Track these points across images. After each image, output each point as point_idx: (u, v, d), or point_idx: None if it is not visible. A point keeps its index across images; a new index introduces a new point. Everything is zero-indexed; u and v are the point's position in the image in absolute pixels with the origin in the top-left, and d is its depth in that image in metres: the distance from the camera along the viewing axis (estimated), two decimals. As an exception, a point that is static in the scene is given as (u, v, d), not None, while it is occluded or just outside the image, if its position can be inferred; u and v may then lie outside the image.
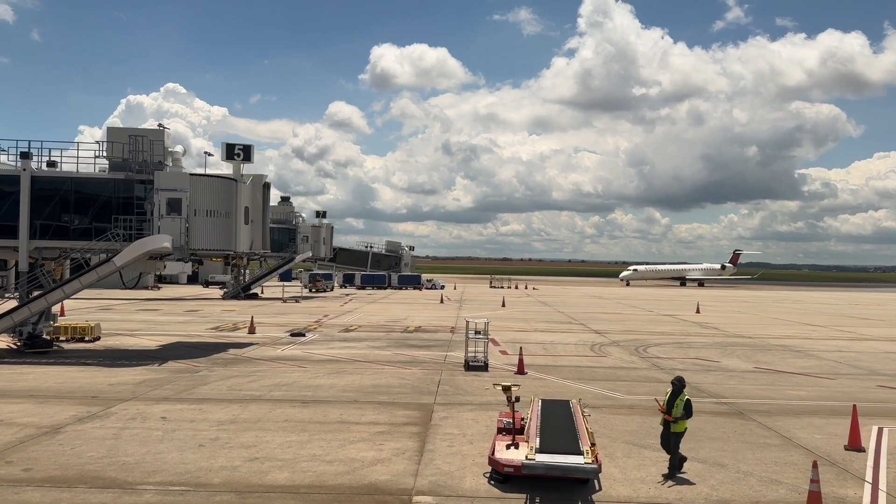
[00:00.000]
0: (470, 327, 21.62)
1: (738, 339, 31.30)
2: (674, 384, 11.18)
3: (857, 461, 11.78)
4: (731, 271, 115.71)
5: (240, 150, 25.77)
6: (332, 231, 63.44)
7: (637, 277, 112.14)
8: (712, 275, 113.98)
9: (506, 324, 37.08)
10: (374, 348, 25.56)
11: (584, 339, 30.24)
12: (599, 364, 22.78)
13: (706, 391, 18.19)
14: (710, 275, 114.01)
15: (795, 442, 13.00)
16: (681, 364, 23.03)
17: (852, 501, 9.84)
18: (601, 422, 14.26)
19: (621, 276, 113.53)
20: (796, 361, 24.41)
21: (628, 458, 11.70)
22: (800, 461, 11.73)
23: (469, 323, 21.86)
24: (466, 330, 21.71)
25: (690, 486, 10.34)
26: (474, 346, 21.71)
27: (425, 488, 9.95)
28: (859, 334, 35.08)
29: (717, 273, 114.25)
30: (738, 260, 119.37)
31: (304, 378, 18.82)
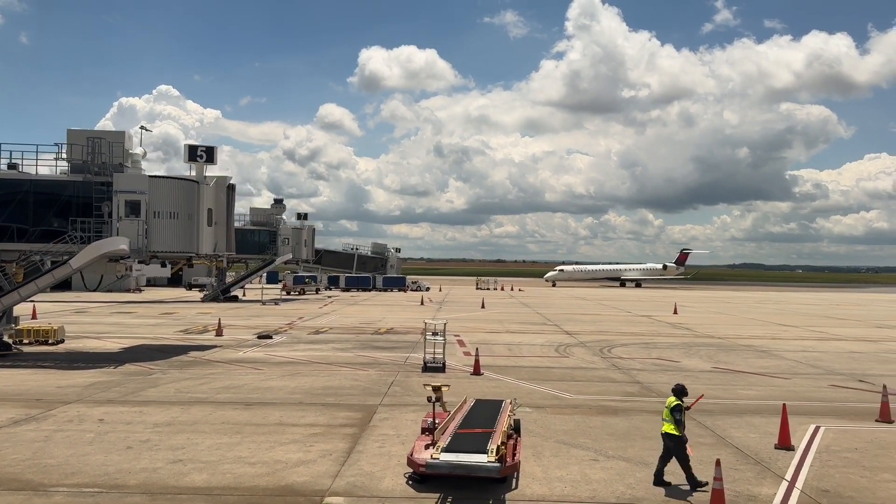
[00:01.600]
0: (428, 329, 21.68)
1: (705, 340, 31.42)
2: (672, 391, 10.85)
3: (782, 460, 11.84)
4: (676, 271, 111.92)
5: (202, 151, 25.66)
6: (313, 233, 63.33)
7: (563, 278, 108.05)
8: (653, 275, 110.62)
9: (480, 325, 37.13)
10: (338, 350, 25.54)
11: (552, 339, 30.30)
12: (559, 365, 22.82)
13: (656, 391, 18.24)
14: (649, 275, 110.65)
15: (728, 441, 13.07)
16: (640, 364, 23.12)
17: (765, 499, 9.90)
18: (540, 421, 14.32)
19: (546, 276, 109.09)
20: (757, 361, 24.53)
21: (555, 456, 11.74)
22: (725, 460, 11.77)
23: (427, 324, 21.92)
24: (424, 332, 21.74)
25: (608, 484, 10.37)
26: (433, 347, 21.79)
27: (340, 489, 9.95)
28: (830, 334, 35.28)
29: (658, 273, 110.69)
30: (686, 259, 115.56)
31: (256, 380, 18.79)
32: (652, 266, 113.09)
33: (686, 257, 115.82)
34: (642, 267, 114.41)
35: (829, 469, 11.37)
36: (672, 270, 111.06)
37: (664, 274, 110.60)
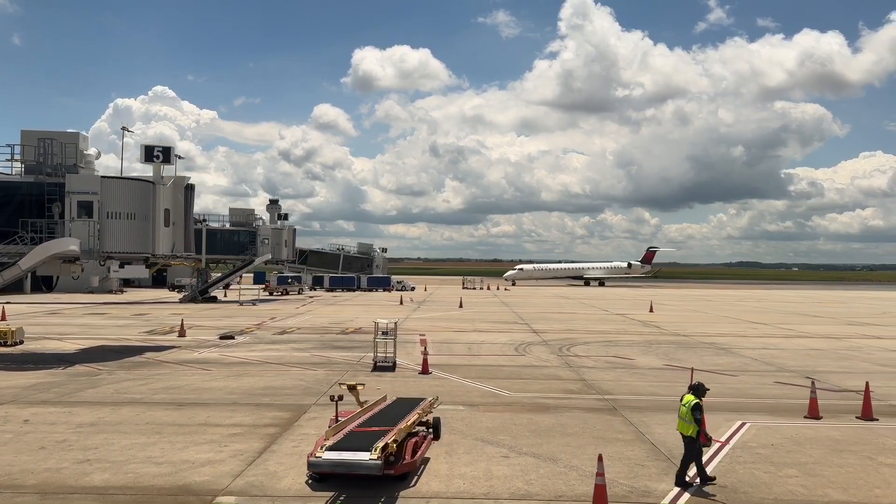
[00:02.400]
0: (379, 329, 21.70)
1: (670, 338, 31.51)
2: (691, 389, 10.64)
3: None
4: (642, 270, 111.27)
5: (159, 152, 25.61)
6: (294, 233, 63.25)
7: (523, 277, 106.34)
8: (617, 273, 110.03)
9: (450, 324, 37.15)
10: (296, 350, 25.54)
11: (516, 338, 30.34)
12: (512, 363, 22.86)
13: (597, 388, 18.31)
14: (614, 273, 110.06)
15: (647, 437, 13.12)
16: (593, 363, 23.16)
17: (659, 495, 9.93)
18: (467, 419, 14.35)
19: (506, 275, 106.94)
20: (712, 359, 24.59)
21: (467, 454, 11.76)
22: (636, 456, 11.84)
23: (378, 324, 21.94)
24: (375, 331, 21.77)
25: (507, 480, 10.39)
26: (385, 347, 21.80)
27: (236, 489, 9.96)
28: (797, 332, 35.38)
29: (622, 272, 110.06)
30: (653, 258, 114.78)
31: (199, 381, 18.77)
32: (617, 265, 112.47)
33: (653, 256, 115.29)
34: (606, 265, 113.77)
35: (736, 465, 11.42)
36: (637, 269, 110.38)
37: (629, 272, 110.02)
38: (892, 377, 20.94)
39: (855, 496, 10.00)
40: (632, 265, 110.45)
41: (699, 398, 10.39)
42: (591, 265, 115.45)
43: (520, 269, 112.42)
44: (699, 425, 10.15)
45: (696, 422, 10.15)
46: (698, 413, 10.18)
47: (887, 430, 13.96)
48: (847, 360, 24.83)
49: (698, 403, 10.29)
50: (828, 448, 12.51)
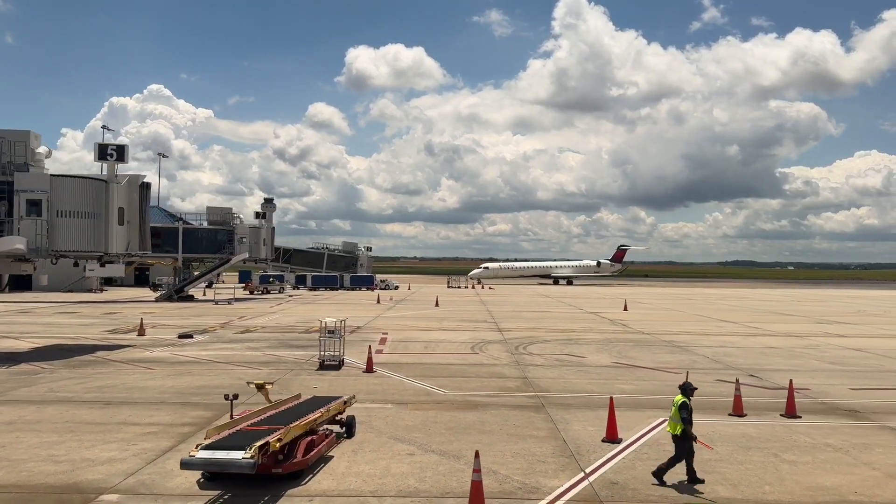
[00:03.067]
0: (325, 327, 21.70)
1: (632, 336, 31.58)
2: (680, 388, 10.79)
3: (598, 452, 11.90)
4: (612, 269, 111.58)
5: (113, 150, 25.50)
6: (273, 232, 63.09)
7: (489, 276, 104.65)
8: (586, 272, 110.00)
9: (418, 323, 37.17)
10: (250, 349, 25.50)
11: (477, 337, 30.36)
12: (462, 361, 22.86)
13: (535, 385, 18.34)
14: (582, 272, 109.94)
15: (561, 434, 13.13)
16: (543, 360, 23.20)
17: (546, 491, 9.95)
18: (391, 417, 14.36)
19: (470, 274, 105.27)
20: (665, 357, 24.65)
21: (373, 452, 11.76)
22: (541, 453, 11.85)
23: (324, 323, 21.96)
24: (321, 330, 21.78)
25: (401, 478, 10.39)
26: (332, 345, 21.79)
27: (123, 487, 9.94)
28: (763, 330, 35.50)
29: (592, 271, 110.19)
30: (623, 256, 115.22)
31: (138, 380, 18.73)
32: (586, 263, 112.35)
33: (623, 254, 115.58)
34: (575, 264, 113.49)
35: (638, 461, 11.46)
36: (607, 267, 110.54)
37: (598, 271, 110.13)
38: (836, 375, 21.07)
39: (743, 493, 10.05)
40: (601, 264, 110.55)
41: (687, 397, 10.50)
42: (559, 264, 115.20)
43: (485, 267, 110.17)
44: (685, 424, 10.25)
45: (683, 421, 10.27)
46: (684, 412, 10.31)
47: (806, 427, 14.03)
48: (799, 358, 24.92)
49: (685, 402, 10.41)
50: (737, 445, 12.56)
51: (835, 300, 70.48)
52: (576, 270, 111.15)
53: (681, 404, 10.39)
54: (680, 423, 10.25)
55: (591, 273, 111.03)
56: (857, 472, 11.07)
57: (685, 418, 10.24)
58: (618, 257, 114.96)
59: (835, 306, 59.48)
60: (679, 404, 10.41)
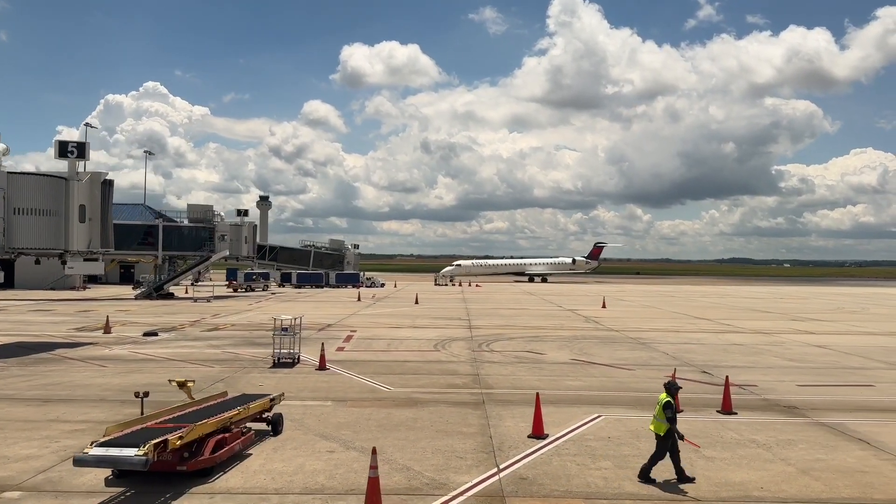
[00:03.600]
0: (277, 325, 21.68)
1: (600, 333, 31.63)
2: (665, 387, 10.60)
3: (519, 448, 11.91)
4: (587, 266, 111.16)
5: (73, 147, 25.44)
6: (254, 230, 63.02)
7: (461, 273, 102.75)
8: (561, 269, 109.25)
9: (392, 321, 37.16)
10: (211, 347, 25.44)
11: (446, 334, 30.37)
12: (420, 359, 22.88)
13: (484, 382, 18.36)
14: (557, 269, 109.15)
15: (490, 431, 13.12)
16: (502, 357, 23.23)
17: (453, 486, 9.97)
18: (325, 415, 14.36)
19: (442, 272, 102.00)
20: (625, 353, 24.70)
21: (294, 449, 11.76)
22: (462, 449, 11.86)
23: (277, 321, 21.95)
24: (274, 328, 21.77)
25: (311, 475, 10.38)
26: (289, 343, 21.76)
27: (30, 485, 9.92)
28: (734, 327, 35.55)
29: (567, 268, 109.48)
30: (600, 253, 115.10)
31: (86, 377, 18.69)
32: (562, 260, 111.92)
33: (600, 251, 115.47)
34: (550, 261, 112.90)
35: (555, 457, 11.48)
36: (582, 265, 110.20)
37: (574, 268, 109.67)
38: (790, 372, 21.12)
39: (647, 488, 10.09)
40: (576, 261, 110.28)
41: (672, 396, 10.34)
42: (533, 261, 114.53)
43: (457, 265, 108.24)
44: (671, 423, 10.08)
45: (668, 420, 10.10)
46: (669, 411, 10.14)
47: (737, 423, 14.07)
48: (759, 355, 24.97)
49: (669, 402, 10.26)
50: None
51: (818, 297, 70.67)
52: (550, 268, 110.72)
53: (665, 403, 10.24)
54: (664, 422, 10.10)
55: (567, 270, 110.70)
56: (771, 467, 11.13)
57: (670, 417, 10.09)
58: (594, 254, 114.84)
59: (816, 303, 59.67)
60: (663, 403, 10.26)
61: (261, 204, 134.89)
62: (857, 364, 22.82)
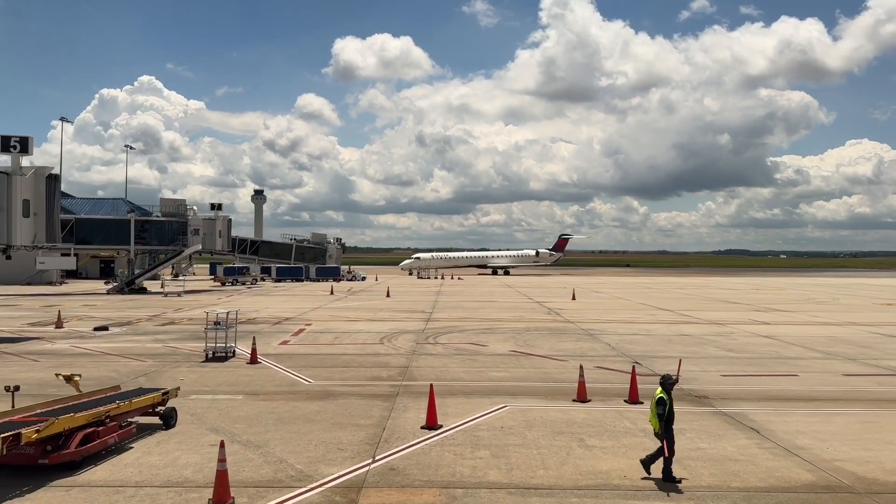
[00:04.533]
0: (210, 319, 21.71)
1: (555, 324, 31.68)
2: (660, 383, 10.27)
3: (406, 439, 11.91)
4: (551, 258, 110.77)
5: (16, 142, 25.32)
6: (228, 223, 62.72)
7: (421, 266, 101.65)
8: (524, 262, 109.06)
9: (353, 314, 37.16)
10: (156, 341, 25.39)
11: (398, 327, 30.39)
12: (360, 352, 22.88)
13: (410, 375, 18.40)
14: (520, 262, 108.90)
15: (388, 423, 13.12)
16: (443, 350, 23.25)
17: (317, 478, 9.95)
18: (228, 408, 14.34)
19: (401, 265, 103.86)
20: (568, 344, 24.75)
21: (179, 443, 11.75)
22: (349, 441, 11.87)
23: (210, 315, 21.99)
24: (206, 322, 21.79)
25: (182, 469, 10.37)
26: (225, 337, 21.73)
27: None
28: (693, 318, 35.64)
29: (531, 260, 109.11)
30: (565, 245, 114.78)
31: (13, 372, 18.48)
32: (525, 253, 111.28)
33: (565, 243, 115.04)
34: (513, 254, 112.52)
35: (437, 447, 11.50)
36: (546, 257, 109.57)
37: (537, 261, 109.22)
38: (723, 362, 21.11)
39: (514, 477, 10.09)
40: (539, 253, 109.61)
41: (667, 391, 10.03)
42: (496, 254, 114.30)
43: (416, 258, 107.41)
44: (660, 420, 9.83)
45: (658, 417, 9.85)
46: (660, 408, 9.85)
47: (638, 413, 14.09)
48: (701, 345, 25.01)
49: (662, 398, 9.94)
50: (551, 430, 12.64)
51: (795, 288, 70.90)
52: (513, 260, 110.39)
53: (658, 399, 9.93)
54: (657, 419, 9.83)
55: (530, 263, 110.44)
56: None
57: (660, 414, 9.82)
58: (559, 246, 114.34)
59: (790, 294, 59.86)
60: (656, 399, 9.94)
61: (255, 198, 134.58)
62: (794, 354, 22.94)
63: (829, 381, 18.05)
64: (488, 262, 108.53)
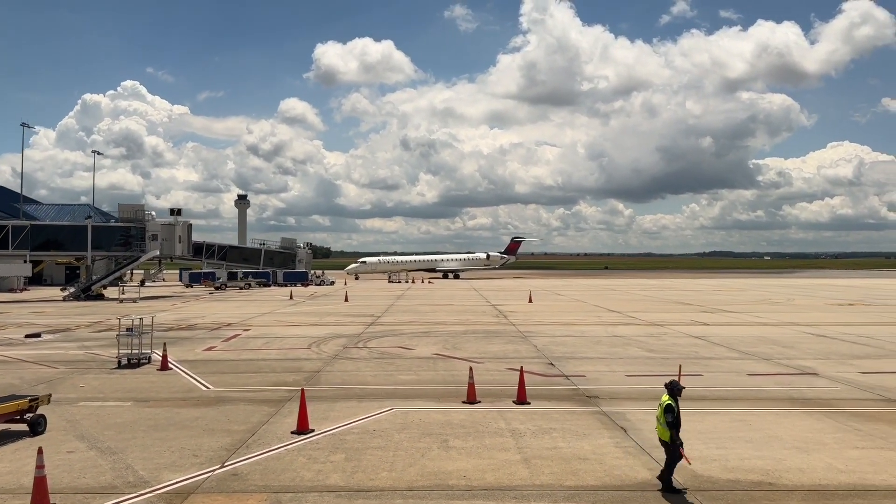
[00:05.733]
0: (124, 325, 21.57)
1: (496, 327, 31.76)
2: (666, 388, 9.92)
3: (270, 444, 11.90)
4: (500, 261, 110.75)
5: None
6: (189, 229, 62.30)
7: (367, 271, 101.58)
8: (475, 265, 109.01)
9: (298, 318, 37.04)
10: (81, 348, 25.10)
11: (336, 331, 30.29)
12: (280, 357, 22.80)
13: (317, 380, 18.37)
14: (470, 265, 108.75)
15: (262, 428, 13.10)
16: (367, 354, 23.27)
17: (152, 483, 9.89)
18: (108, 415, 14.25)
19: (347, 269, 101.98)
20: (494, 347, 24.80)
21: (34, 450, 11.55)
22: (209, 447, 11.84)
23: (122, 321, 21.85)
24: (119, 328, 21.65)
25: (22, 476, 10.32)
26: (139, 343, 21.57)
27: None
28: (637, 319, 35.85)
29: (481, 263, 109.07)
30: (517, 248, 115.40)
31: (-89, 381, 18.50)
32: (476, 256, 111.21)
33: (517, 246, 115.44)
34: (463, 257, 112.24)
35: (296, 452, 11.47)
36: (496, 260, 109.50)
37: (488, 264, 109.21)
38: (636, 363, 21.29)
39: (353, 480, 10.09)
40: (490, 256, 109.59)
41: (674, 398, 9.71)
42: (445, 257, 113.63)
43: (362, 262, 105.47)
44: (669, 428, 9.52)
45: (668, 425, 9.53)
46: (669, 416, 9.55)
47: (518, 413, 14.22)
48: (625, 346, 25.16)
49: (670, 405, 9.61)
50: (421, 432, 12.69)
51: (757, 289, 71.59)
52: (463, 263, 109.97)
53: (666, 406, 9.61)
54: (667, 427, 9.53)
55: (481, 266, 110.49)
56: (498, 456, 11.24)
57: (670, 422, 9.50)
58: (511, 249, 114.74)
59: (748, 295, 60.45)
60: (664, 406, 9.63)
61: (239, 203, 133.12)
62: (712, 354, 23.18)
63: (730, 381, 18.28)
64: (437, 266, 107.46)
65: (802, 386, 17.50)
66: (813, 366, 20.66)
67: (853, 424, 13.39)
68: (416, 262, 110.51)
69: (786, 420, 13.70)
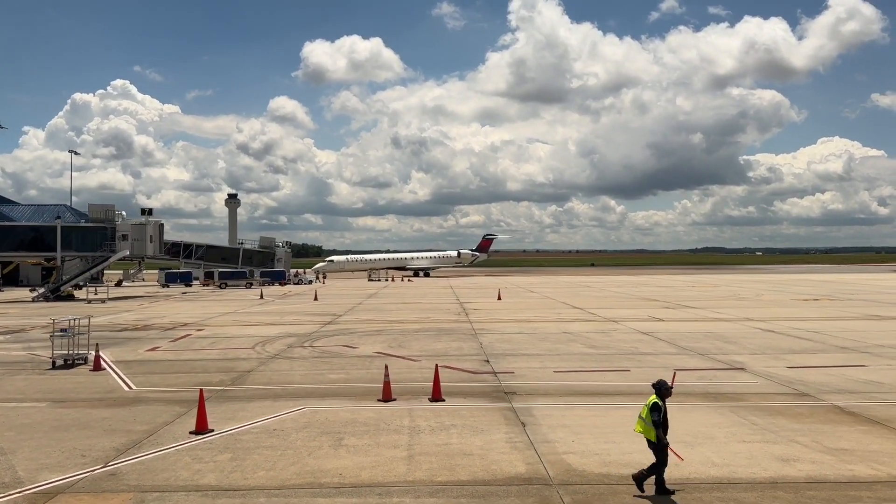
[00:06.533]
0: (58, 326, 21.53)
1: (451, 325, 31.82)
2: (653, 387, 9.77)
3: (162, 444, 11.93)
4: (471, 259, 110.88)
5: None
6: (160, 229, 62.08)
7: (334, 269, 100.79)
8: (445, 263, 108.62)
9: (258, 318, 37.02)
10: (25, 349, 25.08)
11: (288, 331, 30.29)
12: (220, 357, 22.80)
13: (244, 379, 18.39)
14: (440, 263, 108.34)
15: (164, 428, 13.15)
16: (309, 353, 23.31)
17: (27, 484, 9.90)
18: (17, 416, 14.23)
19: (314, 268, 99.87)
20: (441, 345, 24.86)
21: (-70, 452, 11.74)
22: (103, 447, 11.83)
23: (56, 322, 21.84)
24: (52, 329, 21.60)
25: None
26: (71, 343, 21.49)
27: None
28: (595, 316, 36.00)
29: (452, 261, 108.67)
30: (489, 246, 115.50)
31: None
32: (447, 254, 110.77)
33: (489, 244, 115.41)
34: (433, 255, 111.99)
35: (184, 451, 11.49)
36: (467, 258, 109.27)
37: (459, 262, 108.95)
38: (573, 359, 21.37)
39: (228, 480, 10.08)
40: (461, 254, 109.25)
41: (661, 398, 9.53)
42: (414, 255, 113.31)
43: (329, 260, 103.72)
44: (656, 428, 9.29)
45: (654, 424, 9.30)
46: (655, 415, 9.33)
47: (428, 410, 14.28)
48: (569, 343, 25.25)
49: (657, 403, 9.43)
50: (321, 431, 12.72)
51: (730, 285, 71.83)
52: (433, 261, 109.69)
53: (652, 405, 9.42)
54: (652, 426, 9.32)
55: (451, 264, 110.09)
56: (384, 453, 11.30)
57: (656, 421, 9.28)
58: (483, 247, 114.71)
59: (720, 291, 60.69)
60: (650, 405, 9.44)
61: (229, 202, 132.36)
62: (651, 350, 23.32)
63: (655, 376, 18.25)
64: (407, 264, 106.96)
65: (724, 381, 17.68)
66: (744, 361, 20.87)
67: (753, 419, 13.57)
68: (385, 260, 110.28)
69: (689, 415, 13.83)
